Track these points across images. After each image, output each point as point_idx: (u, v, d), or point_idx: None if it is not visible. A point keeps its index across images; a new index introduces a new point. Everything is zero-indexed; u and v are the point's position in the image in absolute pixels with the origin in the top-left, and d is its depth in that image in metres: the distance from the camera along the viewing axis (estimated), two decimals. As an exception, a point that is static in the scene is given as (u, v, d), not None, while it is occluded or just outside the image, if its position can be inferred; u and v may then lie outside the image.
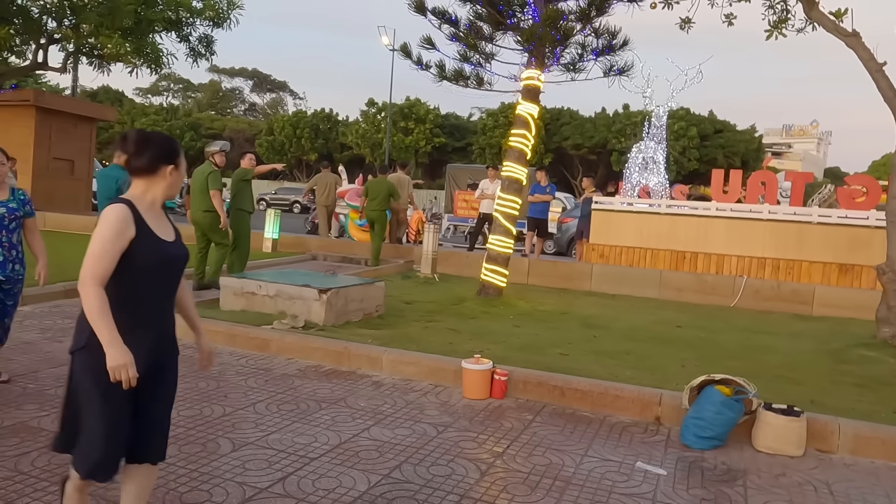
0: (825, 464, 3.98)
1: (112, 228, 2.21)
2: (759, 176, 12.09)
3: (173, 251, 2.37)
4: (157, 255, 2.29)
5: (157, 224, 2.33)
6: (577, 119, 43.87)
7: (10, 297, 4.40)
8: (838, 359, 6.34)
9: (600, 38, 8.53)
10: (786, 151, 72.89)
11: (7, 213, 4.26)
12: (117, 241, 2.20)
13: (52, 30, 14.19)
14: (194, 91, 68.33)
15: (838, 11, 7.07)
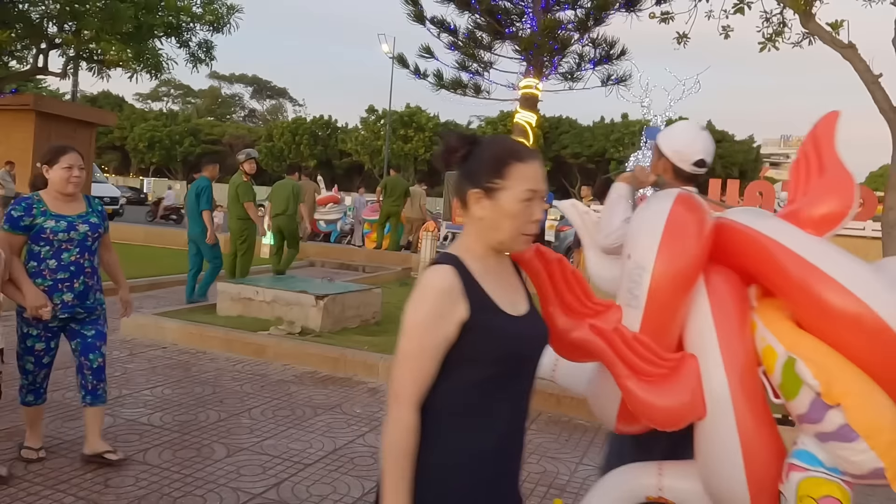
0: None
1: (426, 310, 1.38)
2: (757, 186, 12.09)
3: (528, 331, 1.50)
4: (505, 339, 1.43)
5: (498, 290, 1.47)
6: (575, 128, 44.06)
7: (93, 327, 3.41)
8: (834, 369, 6.34)
9: (598, 47, 8.59)
10: (784, 162, 73.15)
11: (90, 230, 3.34)
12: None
13: (53, 35, 14.23)
14: (194, 97, 68.49)
15: (835, 23, 7.12)
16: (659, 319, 1.88)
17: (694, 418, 1.82)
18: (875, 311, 1.64)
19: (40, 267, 3.23)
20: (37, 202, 3.26)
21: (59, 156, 3.28)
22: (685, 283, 1.88)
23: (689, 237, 1.88)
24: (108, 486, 3.20)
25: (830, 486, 1.63)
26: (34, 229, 3.22)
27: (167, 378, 4.95)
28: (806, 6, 7.09)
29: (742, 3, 8.13)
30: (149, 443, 3.74)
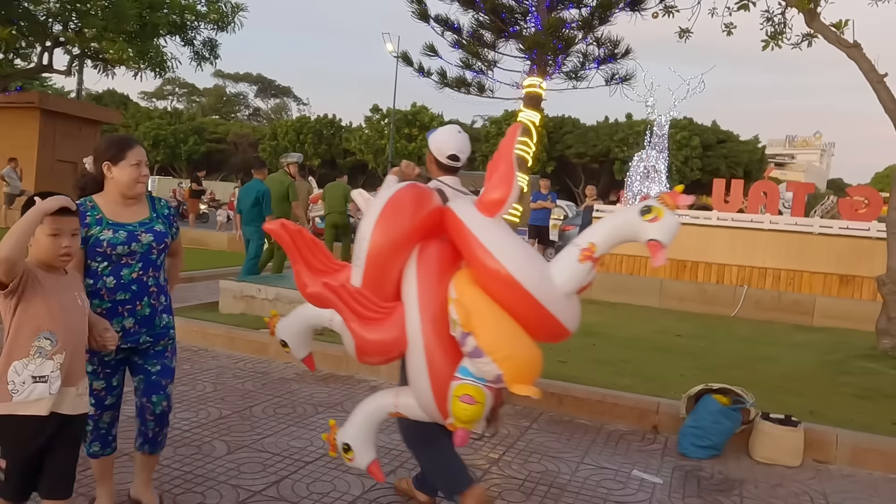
0: (823, 474, 3.96)
1: None
2: (761, 186, 12.08)
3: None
4: None
5: None
6: (580, 128, 43.97)
7: (159, 362, 2.79)
8: (838, 370, 6.31)
9: (602, 47, 8.56)
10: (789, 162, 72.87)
11: (154, 240, 2.71)
12: None
13: (58, 33, 14.27)
14: (199, 95, 68.60)
15: (839, 23, 7.09)
16: (375, 277, 2.52)
17: (402, 348, 2.53)
18: (510, 272, 2.39)
19: (97, 286, 2.63)
20: (91, 209, 2.65)
21: (126, 150, 2.65)
22: (396, 250, 2.51)
23: (401, 217, 2.50)
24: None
25: (469, 388, 2.39)
26: (89, 241, 2.62)
27: (169, 375, 4.95)
28: (811, 5, 7.06)
29: (746, 1, 8.10)
30: (149, 440, 3.73)
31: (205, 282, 9.07)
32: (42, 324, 2.18)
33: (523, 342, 2.44)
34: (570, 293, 2.47)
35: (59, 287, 2.26)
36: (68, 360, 2.23)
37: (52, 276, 2.24)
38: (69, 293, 2.30)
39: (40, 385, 2.17)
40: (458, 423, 2.43)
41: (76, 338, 2.29)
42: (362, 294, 2.47)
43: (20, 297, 2.15)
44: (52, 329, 2.19)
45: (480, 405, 2.37)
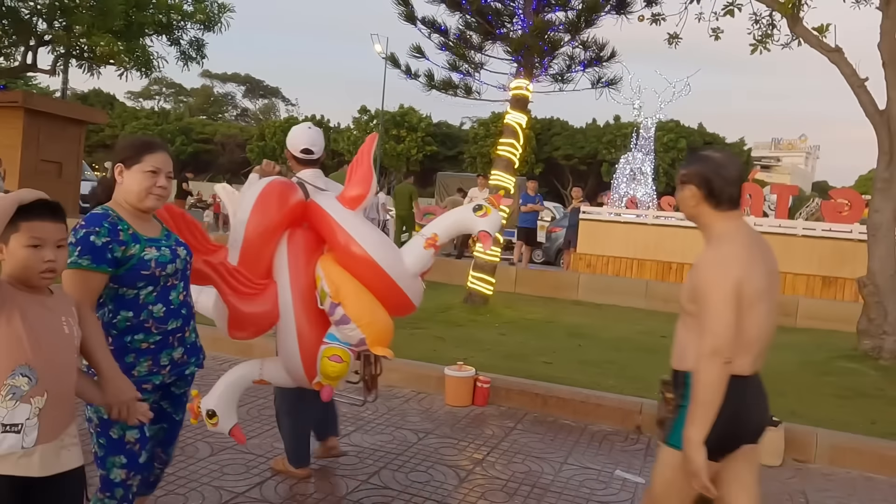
0: (802, 473, 4.01)
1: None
2: (746, 188, 12.20)
3: None
4: None
5: None
6: (567, 130, 44.14)
7: (181, 409, 2.48)
8: (820, 370, 6.39)
9: (588, 50, 8.61)
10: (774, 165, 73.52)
11: (188, 253, 2.37)
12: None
13: (43, 31, 14.15)
14: (186, 95, 68.17)
15: (821, 27, 7.18)
16: (250, 258, 2.83)
17: (274, 320, 2.84)
18: (371, 256, 2.82)
19: (139, 317, 2.15)
20: (119, 220, 2.15)
21: (143, 153, 2.21)
22: (268, 235, 2.86)
23: (270, 208, 2.85)
24: (90, 483, 3.16)
25: (337, 350, 2.78)
26: (127, 264, 2.12)
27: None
28: (793, 10, 7.15)
29: (732, 6, 8.19)
30: (132, 441, 3.71)
31: (190, 283, 9.02)
32: (17, 356, 1.70)
33: (381, 312, 2.87)
34: (416, 274, 2.93)
35: (42, 310, 1.79)
36: (50, 404, 1.76)
37: (32, 296, 1.79)
38: (54, 318, 1.82)
39: (11, 436, 1.69)
40: (326, 381, 2.84)
41: (61, 375, 1.81)
42: (239, 271, 2.76)
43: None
44: (30, 363, 1.72)
45: (346, 364, 2.79)
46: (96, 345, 1.98)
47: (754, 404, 2.18)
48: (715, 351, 1.97)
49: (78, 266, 2.04)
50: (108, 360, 2.00)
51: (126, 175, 2.21)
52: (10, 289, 1.74)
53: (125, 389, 1.99)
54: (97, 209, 2.19)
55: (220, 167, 50.46)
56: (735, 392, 2.02)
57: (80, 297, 2.01)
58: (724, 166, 2.13)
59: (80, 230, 2.08)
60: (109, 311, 2.17)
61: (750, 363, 2.11)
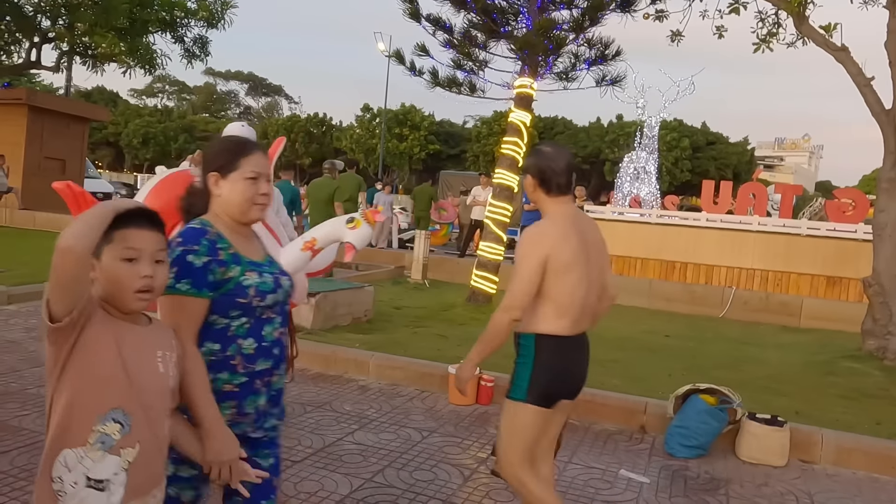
0: (808, 474, 3.99)
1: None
2: (749, 188, 12.18)
3: None
4: None
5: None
6: (570, 128, 44.13)
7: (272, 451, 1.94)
8: (824, 370, 6.37)
9: (593, 48, 8.58)
10: (778, 164, 73.41)
11: (290, 285, 1.99)
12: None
13: (46, 28, 14.16)
14: (189, 93, 68.23)
15: (828, 26, 7.14)
16: None
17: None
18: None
19: (226, 352, 1.81)
20: (218, 237, 1.82)
21: (239, 157, 1.88)
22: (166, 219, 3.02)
23: (165, 195, 2.85)
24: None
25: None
26: (223, 288, 1.79)
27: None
28: (799, 8, 7.12)
29: (737, 4, 8.15)
30: (136, 439, 3.71)
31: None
32: (111, 396, 1.43)
33: None
34: (297, 272, 2.95)
35: (137, 342, 1.50)
36: (142, 457, 1.49)
37: (125, 324, 1.50)
38: (149, 353, 1.54)
39: (94, 494, 1.42)
40: None
41: (156, 423, 1.53)
42: None
43: (75, 345, 1.39)
44: (124, 406, 1.44)
45: None
46: (199, 388, 1.68)
47: (573, 361, 2.51)
48: (508, 307, 2.37)
49: (175, 291, 1.71)
50: (211, 407, 1.70)
51: (223, 185, 1.87)
52: (103, 312, 1.46)
53: (230, 446, 1.70)
54: (194, 222, 1.86)
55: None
56: (557, 350, 2.43)
57: (178, 328, 1.72)
58: (553, 159, 2.51)
59: (175, 248, 1.76)
60: (198, 344, 1.82)
61: (568, 325, 2.44)
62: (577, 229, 2.48)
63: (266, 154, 1.96)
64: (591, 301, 2.51)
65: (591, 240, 2.55)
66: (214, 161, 1.91)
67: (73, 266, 1.31)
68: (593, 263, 2.52)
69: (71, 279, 1.32)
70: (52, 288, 1.32)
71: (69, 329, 1.36)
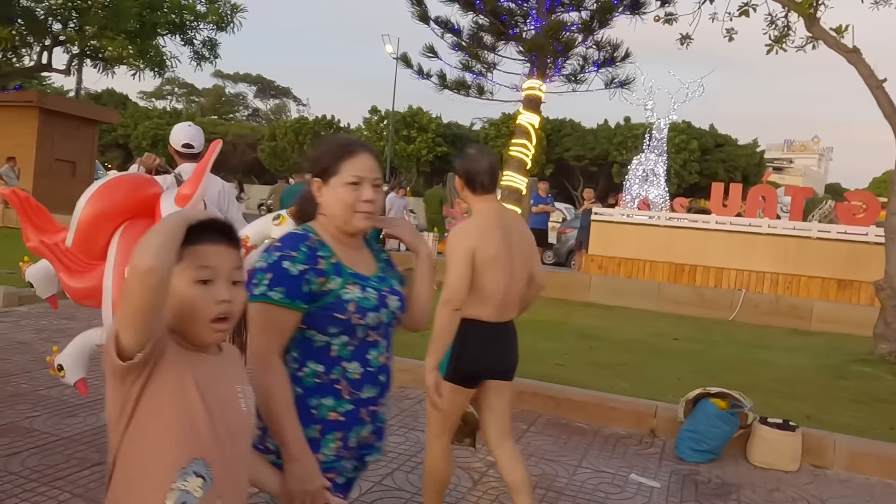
0: (820, 479, 3.96)
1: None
2: (759, 190, 12.11)
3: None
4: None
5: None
6: (578, 130, 44.00)
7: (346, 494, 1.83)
8: (836, 374, 6.32)
9: (602, 50, 8.57)
10: (787, 167, 72.98)
11: (400, 306, 1.79)
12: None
13: (57, 31, 14.25)
14: (198, 95, 68.54)
15: (839, 28, 7.10)
16: (83, 240, 3.12)
17: (96, 295, 3.07)
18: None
19: (331, 375, 1.64)
20: (320, 245, 1.67)
21: (340, 160, 1.70)
22: (101, 221, 3.08)
23: (107, 198, 3.09)
24: (104, 483, 3.18)
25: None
26: (320, 300, 1.62)
27: (166, 376, 4.94)
28: (810, 10, 7.08)
29: (747, 6, 8.12)
30: (146, 440, 3.72)
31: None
32: (190, 445, 1.21)
33: None
34: None
35: (214, 377, 1.28)
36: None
37: (198, 355, 1.27)
38: (228, 389, 1.31)
39: None
40: None
41: (238, 472, 1.31)
42: (70, 252, 3.23)
43: (146, 386, 1.17)
44: (205, 457, 1.22)
45: None
46: (282, 406, 1.51)
47: (497, 345, 2.70)
48: (447, 300, 2.51)
49: (267, 300, 1.57)
50: (297, 428, 1.53)
51: (325, 192, 1.71)
52: (175, 345, 1.24)
53: (315, 473, 1.53)
54: (297, 229, 1.74)
55: (232, 167, 50.67)
56: (478, 333, 2.63)
57: (265, 340, 1.55)
58: (477, 161, 2.71)
59: (272, 253, 1.62)
60: (294, 359, 1.64)
61: (492, 313, 2.65)
62: (501, 224, 2.69)
63: (374, 155, 1.76)
64: (515, 291, 2.72)
65: (515, 233, 2.75)
66: (316, 165, 1.74)
67: (155, 290, 1.10)
68: (517, 255, 2.72)
69: (150, 306, 1.11)
70: (126, 318, 1.12)
71: (141, 366, 1.15)
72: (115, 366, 1.14)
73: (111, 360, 1.14)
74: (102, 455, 3.49)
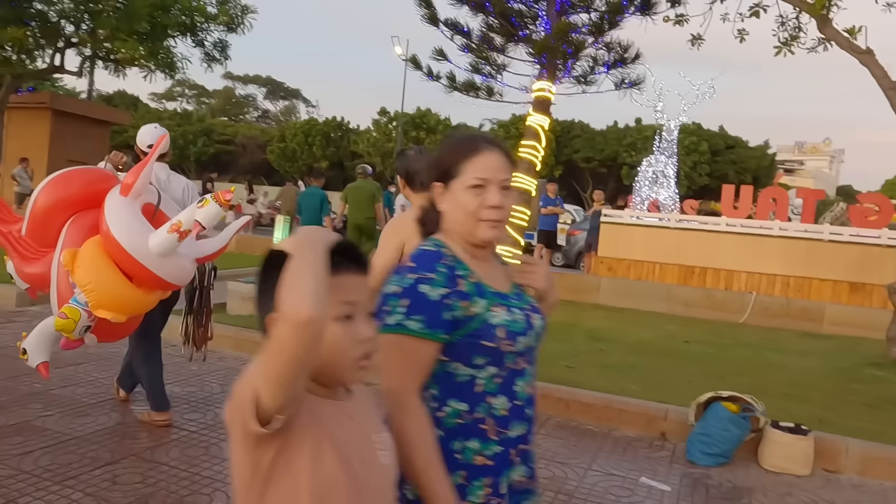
0: (832, 484, 3.92)
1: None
2: (770, 192, 12.04)
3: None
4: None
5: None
6: (588, 132, 43.89)
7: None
8: (848, 378, 6.27)
9: (612, 51, 8.54)
10: (798, 168, 72.48)
11: (543, 325, 1.60)
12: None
13: (70, 34, 14.36)
14: (208, 97, 68.89)
15: (852, 29, 7.05)
16: (35, 228, 3.49)
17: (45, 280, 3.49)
18: (114, 234, 3.33)
19: (475, 415, 1.42)
20: (456, 263, 1.45)
21: (461, 160, 1.47)
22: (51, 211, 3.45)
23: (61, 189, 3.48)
24: (116, 483, 3.21)
25: (68, 309, 3.30)
26: (466, 327, 1.40)
27: (176, 376, 4.96)
28: (822, 11, 7.03)
29: (758, 7, 8.08)
30: (157, 440, 3.74)
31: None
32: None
33: (111, 283, 3.33)
34: (165, 254, 3.38)
35: (352, 428, 1.12)
36: None
37: (328, 402, 1.11)
38: (367, 440, 1.15)
39: None
40: (58, 330, 3.36)
41: None
42: (24, 239, 3.52)
43: (279, 452, 1.01)
44: None
45: (70, 321, 3.29)
46: (424, 454, 1.32)
47: None
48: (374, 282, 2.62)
49: (404, 330, 1.36)
50: (441, 480, 1.33)
51: (446, 198, 1.49)
52: (317, 403, 1.06)
53: None
54: (426, 243, 1.48)
55: (241, 168, 50.88)
56: None
57: (403, 378, 1.36)
58: (415, 161, 2.89)
59: (406, 275, 1.40)
60: (433, 397, 1.42)
61: None
62: None
63: (503, 152, 1.51)
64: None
65: None
66: (436, 168, 1.51)
67: (313, 343, 0.93)
68: None
69: (304, 362, 0.94)
70: (273, 377, 0.94)
71: (280, 432, 0.97)
72: (251, 432, 0.96)
73: (245, 426, 0.95)
74: (114, 455, 3.52)
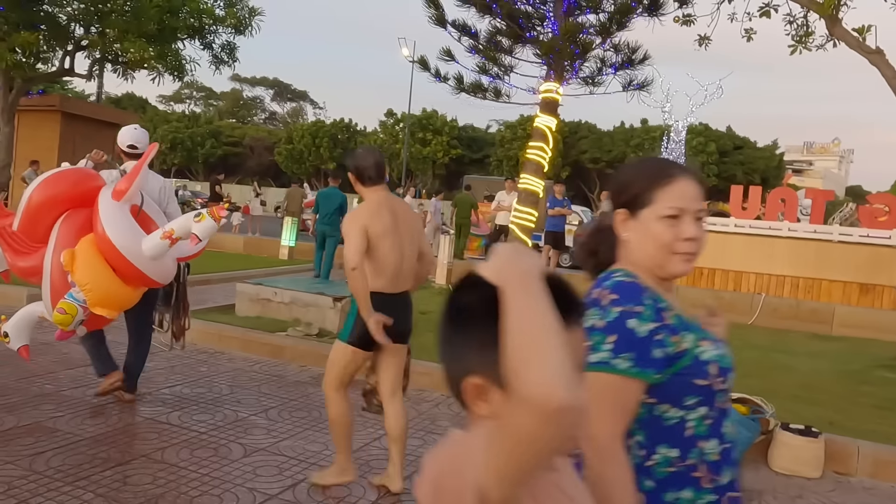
0: (843, 487, 3.90)
1: None
2: (779, 193, 11.96)
3: None
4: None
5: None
6: (595, 133, 43.81)
7: None
8: (858, 380, 6.22)
9: (620, 52, 8.52)
10: (807, 169, 72.11)
11: (731, 360, 1.37)
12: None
13: (79, 37, 14.46)
14: (216, 99, 69.17)
15: (862, 28, 7.01)
16: (27, 224, 3.68)
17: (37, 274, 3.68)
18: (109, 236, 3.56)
19: (687, 461, 1.29)
20: (652, 297, 1.32)
21: (655, 186, 1.35)
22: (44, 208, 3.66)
23: (52, 188, 3.69)
24: (127, 483, 3.22)
25: (66, 304, 3.54)
26: (677, 365, 1.28)
27: (186, 377, 4.99)
28: (832, 10, 7.00)
29: (768, 7, 8.05)
30: (167, 441, 3.76)
31: (221, 284, 9.13)
32: None
33: (106, 282, 3.58)
34: (156, 257, 3.66)
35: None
36: None
37: (544, 479, 0.90)
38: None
39: None
40: (56, 324, 3.61)
41: None
42: (16, 234, 3.69)
43: None
44: None
45: (69, 316, 3.54)
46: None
47: (392, 313, 3.09)
48: (349, 267, 3.01)
49: (611, 370, 1.23)
50: None
51: (632, 226, 1.36)
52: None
53: None
54: (618, 275, 1.35)
55: (249, 170, 51.05)
56: (376, 303, 3.05)
57: (609, 423, 1.22)
58: (362, 158, 3.22)
59: (609, 309, 1.27)
60: (639, 444, 1.29)
61: (386, 283, 3.14)
62: (389, 208, 3.17)
63: (697, 181, 1.37)
64: (407, 265, 3.21)
65: (402, 217, 3.22)
66: (622, 193, 1.38)
67: (569, 432, 0.75)
68: (405, 234, 3.19)
69: (555, 452, 0.80)
70: (513, 474, 0.78)
71: None
72: None
73: None
74: (124, 455, 3.54)
